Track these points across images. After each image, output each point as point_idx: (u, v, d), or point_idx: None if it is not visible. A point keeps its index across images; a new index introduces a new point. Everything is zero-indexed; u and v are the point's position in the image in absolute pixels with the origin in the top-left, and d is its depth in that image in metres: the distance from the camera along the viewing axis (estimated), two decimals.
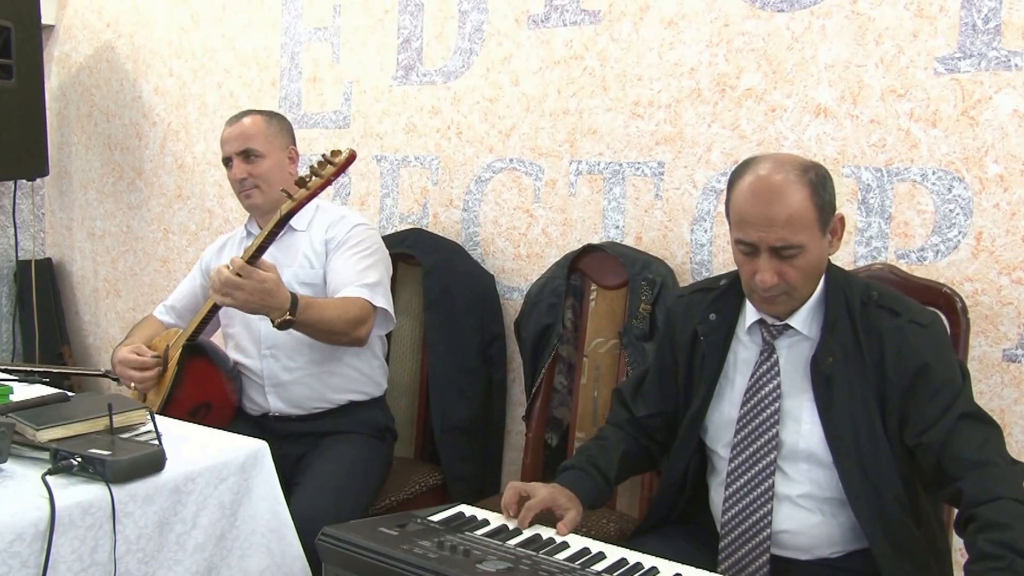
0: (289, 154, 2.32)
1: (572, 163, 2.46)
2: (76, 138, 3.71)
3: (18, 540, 1.28)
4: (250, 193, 2.26)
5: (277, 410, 2.25)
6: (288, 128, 2.36)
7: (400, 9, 2.75)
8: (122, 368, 2.23)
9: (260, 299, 1.91)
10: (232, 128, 2.28)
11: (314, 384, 2.23)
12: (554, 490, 1.58)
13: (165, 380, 2.20)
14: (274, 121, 2.32)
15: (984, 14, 1.90)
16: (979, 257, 1.93)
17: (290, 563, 1.67)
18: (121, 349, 2.27)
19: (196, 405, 2.18)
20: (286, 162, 2.31)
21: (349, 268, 2.17)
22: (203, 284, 2.42)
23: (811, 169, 1.52)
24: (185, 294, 2.45)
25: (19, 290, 3.66)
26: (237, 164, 2.25)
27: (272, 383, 2.23)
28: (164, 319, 2.44)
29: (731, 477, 1.61)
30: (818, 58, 2.09)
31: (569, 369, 2.37)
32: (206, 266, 2.42)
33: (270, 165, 2.26)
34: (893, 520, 1.50)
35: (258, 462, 1.66)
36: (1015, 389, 1.91)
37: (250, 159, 2.24)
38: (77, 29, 3.65)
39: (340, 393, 2.25)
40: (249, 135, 2.26)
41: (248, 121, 2.28)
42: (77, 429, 1.55)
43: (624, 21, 2.35)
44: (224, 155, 2.29)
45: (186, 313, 2.42)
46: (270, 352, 2.23)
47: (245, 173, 2.24)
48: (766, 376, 1.60)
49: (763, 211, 1.48)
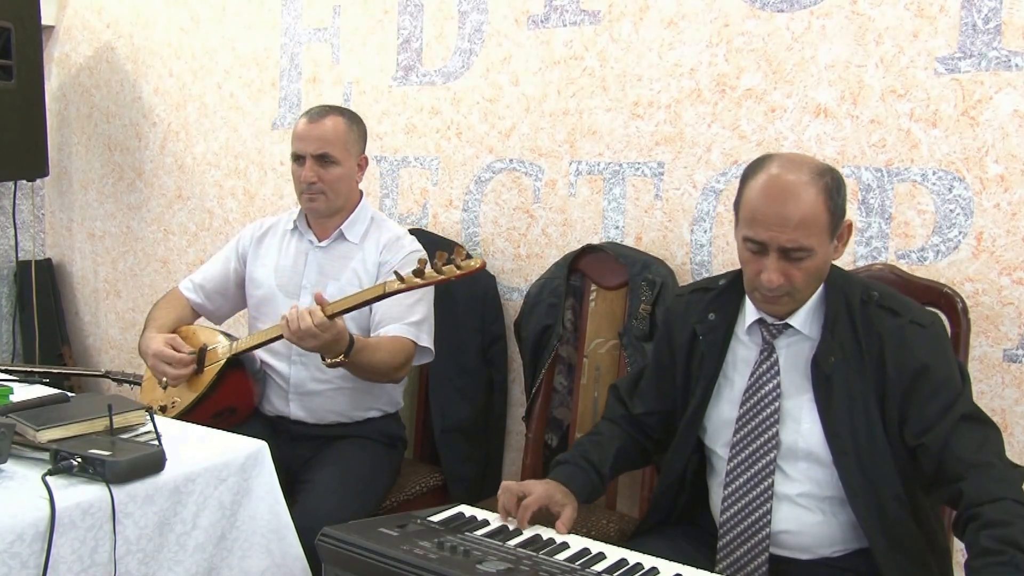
0: (359, 162, 2.25)
1: (572, 163, 2.46)
2: (76, 139, 3.71)
3: (18, 540, 1.28)
4: (315, 198, 2.17)
5: (296, 417, 2.21)
6: (364, 134, 2.28)
7: (400, 10, 2.75)
8: (155, 361, 2.16)
9: (326, 347, 1.90)
10: (313, 126, 2.17)
11: (339, 398, 2.19)
12: (549, 486, 1.58)
13: (199, 382, 2.16)
14: (354, 127, 2.23)
15: (984, 14, 1.90)
16: (979, 257, 1.93)
17: (290, 563, 1.67)
18: (155, 339, 2.19)
19: (222, 409, 2.16)
20: (355, 170, 2.24)
21: (398, 304, 2.07)
22: (236, 268, 2.33)
23: (827, 173, 1.51)
24: (216, 275, 2.35)
25: (19, 291, 3.66)
26: (310, 165, 2.15)
27: (297, 391, 2.19)
28: (191, 297, 2.34)
29: (730, 476, 1.61)
30: (818, 58, 2.09)
31: (569, 369, 2.37)
32: (243, 251, 2.33)
33: (341, 173, 2.18)
34: (892, 519, 1.50)
35: (258, 463, 1.66)
36: (1016, 389, 1.91)
37: (324, 164, 2.16)
38: (77, 30, 3.65)
39: (360, 410, 2.23)
40: (329, 139, 2.16)
41: (330, 124, 2.17)
42: (77, 430, 1.54)
43: (624, 21, 2.35)
44: (296, 151, 2.18)
45: (214, 295, 2.34)
46: (300, 359, 2.18)
47: (316, 177, 2.15)
48: (766, 376, 1.60)
49: (777, 210, 1.47)
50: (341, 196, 2.20)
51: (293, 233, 2.29)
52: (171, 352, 2.15)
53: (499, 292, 2.58)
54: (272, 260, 2.29)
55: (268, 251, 2.30)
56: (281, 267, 2.26)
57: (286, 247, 2.29)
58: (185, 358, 2.15)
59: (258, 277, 2.29)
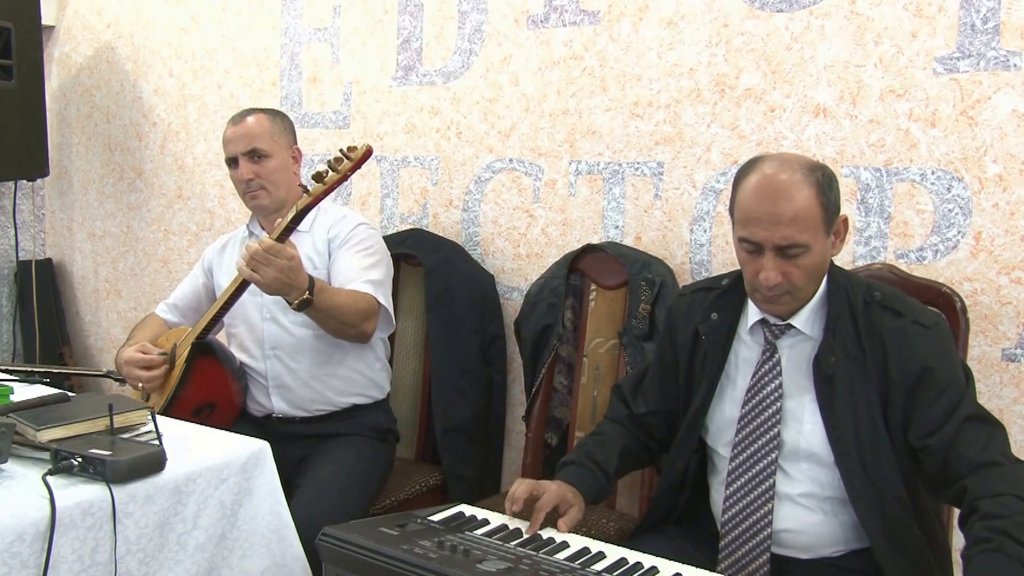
0: (292, 153, 2.30)
1: (572, 163, 2.46)
2: (76, 139, 3.71)
3: (18, 540, 1.28)
4: (257, 194, 2.23)
5: (280, 411, 2.24)
6: (291, 127, 2.34)
7: (400, 10, 2.75)
8: (128, 368, 2.20)
9: (286, 276, 1.90)
10: (236, 127, 2.24)
11: (316, 386, 2.23)
12: (561, 486, 1.58)
13: (171, 378, 2.19)
14: (278, 120, 2.29)
15: (983, 14, 1.90)
16: (978, 257, 1.93)
17: (291, 563, 1.67)
18: (126, 349, 2.25)
19: (200, 405, 2.18)
20: (290, 162, 2.29)
21: (353, 266, 2.17)
22: (205, 283, 2.42)
23: (817, 169, 1.52)
24: (187, 293, 2.44)
25: (19, 290, 3.66)
26: (243, 164, 2.21)
27: (276, 384, 2.24)
28: (167, 317, 2.43)
29: (732, 476, 1.61)
30: (817, 58, 2.09)
31: (569, 369, 2.38)
32: (208, 265, 2.42)
33: (276, 165, 2.24)
34: (894, 519, 1.51)
35: (259, 463, 1.66)
36: (1014, 389, 1.92)
37: (256, 159, 2.21)
38: (77, 30, 3.65)
39: (343, 396, 2.25)
40: (254, 134, 2.22)
41: (252, 120, 2.24)
42: (77, 429, 1.55)
43: (623, 21, 2.35)
44: (228, 155, 2.25)
45: (188, 311, 2.42)
46: (273, 353, 2.23)
47: (252, 174, 2.21)
48: (768, 376, 1.60)
49: (769, 209, 1.48)
50: (281, 188, 2.25)
51: (250, 238, 2.34)
52: (140, 356, 2.18)
53: (499, 292, 2.58)
54: (234, 263, 2.32)
55: (230, 258, 2.36)
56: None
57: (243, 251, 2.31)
58: (155, 359, 2.18)
59: (223, 283, 2.33)
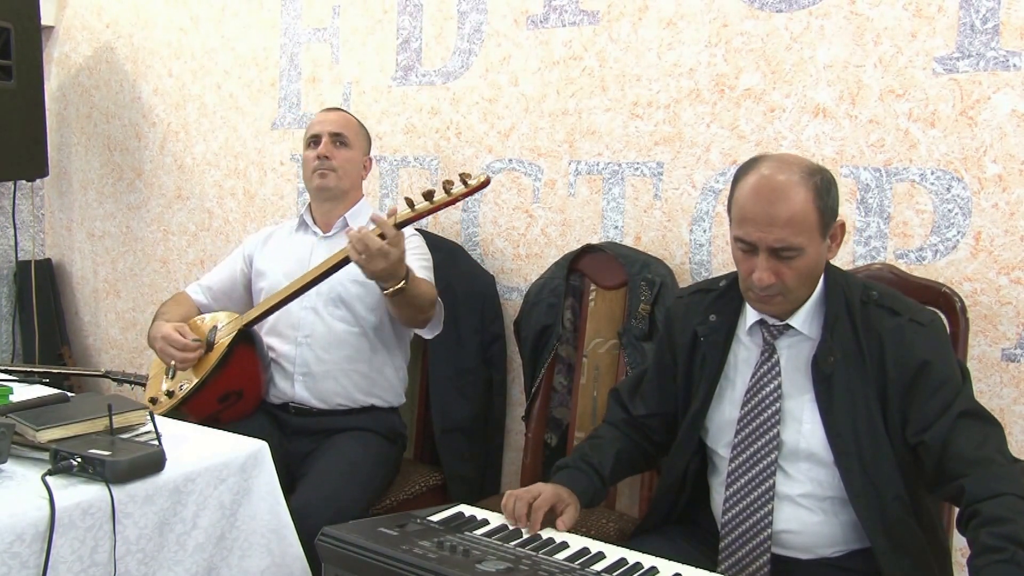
0: (365, 161, 2.43)
1: (571, 163, 2.46)
2: (76, 139, 3.71)
3: (18, 541, 1.28)
4: (326, 173, 2.31)
5: (301, 400, 2.25)
6: (370, 139, 2.48)
7: (399, 10, 2.75)
8: (163, 344, 2.20)
9: (394, 268, 1.92)
10: (329, 114, 2.41)
11: (342, 379, 2.24)
12: (556, 487, 1.59)
13: (207, 361, 2.20)
14: (363, 127, 2.44)
15: (982, 14, 1.90)
16: (978, 257, 1.93)
17: (290, 563, 1.67)
18: (163, 324, 2.24)
19: (229, 391, 2.20)
20: (363, 163, 2.42)
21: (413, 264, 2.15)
22: (243, 270, 2.44)
23: (817, 173, 1.51)
24: (224, 278, 2.45)
25: (19, 291, 3.66)
26: (325, 142, 2.31)
27: (302, 371, 2.24)
28: (198, 299, 2.42)
29: (732, 477, 1.61)
30: (817, 58, 2.09)
31: (568, 369, 2.38)
32: (249, 254, 2.44)
33: (352, 157, 2.36)
34: (894, 519, 1.51)
35: (258, 462, 1.66)
36: (1014, 388, 1.92)
37: (338, 144, 2.33)
38: (77, 30, 3.65)
39: (364, 394, 2.27)
40: (344, 123, 2.37)
41: (345, 114, 2.43)
42: (77, 429, 1.55)
43: (623, 21, 2.35)
44: (314, 133, 2.35)
45: (221, 296, 2.43)
46: (306, 340, 2.25)
47: (329, 153, 2.31)
48: (767, 376, 1.60)
49: (765, 210, 1.48)
50: (347, 180, 2.34)
51: (298, 230, 2.41)
52: (178, 337, 2.20)
53: (498, 292, 2.58)
54: (279, 254, 2.39)
55: (274, 248, 2.42)
56: (288, 258, 2.35)
57: (292, 242, 2.40)
58: (191, 344, 2.19)
59: (264, 269, 2.38)
